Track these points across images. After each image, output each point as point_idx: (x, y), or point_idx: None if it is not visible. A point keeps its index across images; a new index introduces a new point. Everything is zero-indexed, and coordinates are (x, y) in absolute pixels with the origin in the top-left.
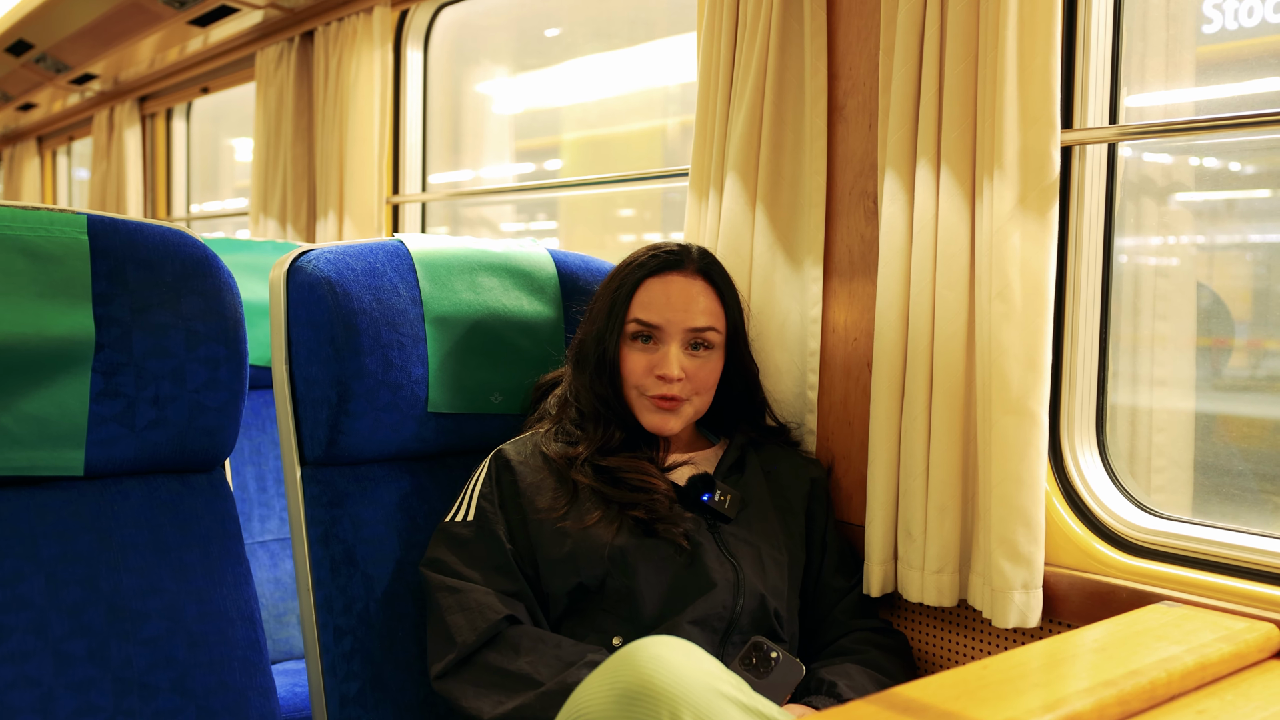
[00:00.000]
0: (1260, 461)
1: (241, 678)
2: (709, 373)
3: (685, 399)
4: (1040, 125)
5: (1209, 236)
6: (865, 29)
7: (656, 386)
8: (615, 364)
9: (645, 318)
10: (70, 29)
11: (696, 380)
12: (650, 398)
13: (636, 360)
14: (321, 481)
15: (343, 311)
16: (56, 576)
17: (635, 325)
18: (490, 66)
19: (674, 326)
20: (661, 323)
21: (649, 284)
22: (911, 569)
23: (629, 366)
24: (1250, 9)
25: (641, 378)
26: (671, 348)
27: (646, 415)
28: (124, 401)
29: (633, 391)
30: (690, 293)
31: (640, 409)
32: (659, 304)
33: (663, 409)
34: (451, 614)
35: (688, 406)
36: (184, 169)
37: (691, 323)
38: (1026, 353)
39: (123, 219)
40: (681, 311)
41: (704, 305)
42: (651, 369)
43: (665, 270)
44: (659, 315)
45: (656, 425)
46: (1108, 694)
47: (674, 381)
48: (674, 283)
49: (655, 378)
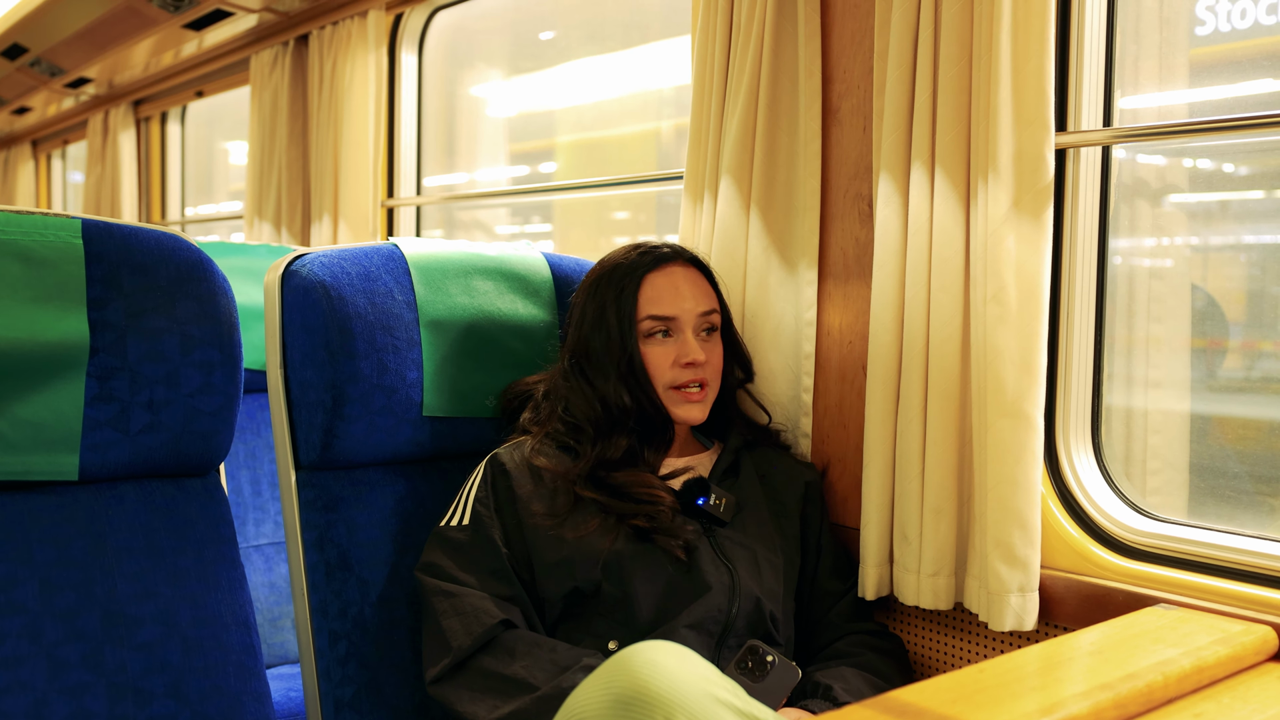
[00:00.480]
0: (1255, 463)
1: (236, 682)
2: (720, 355)
3: (710, 384)
4: (1035, 128)
5: (1203, 238)
6: (860, 31)
7: (685, 375)
8: (641, 365)
9: (659, 311)
10: (65, 33)
11: (714, 364)
12: (680, 390)
13: (660, 355)
14: (316, 486)
15: (337, 315)
16: (51, 581)
17: (650, 322)
18: (485, 70)
19: (687, 315)
20: (676, 313)
21: (652, 279)
22: (907, 572)
23: (655, 364)
24: (1243, 11)
25: (669, 371)
26: (688, 334)
27: (679, 409)
28: (118, 406)
29: (661, 387)
30: (690, 279)
31: (671, 403)
32: (668, 296)
33: (692, 400)
34: (447, 618)
35: (711, 392)
36: (179, 173)
37: (700, 308)
38: (1022, 355)
39: (117, 223)
40: (690, 299)
41: (704, 289)
42: (677, 360)
43: (663, 264)
44: (672, 306)
45: (689, 416)
46: (1104, 697)
47: (701, 365)
48: (675, 273)
49: (682, 367)
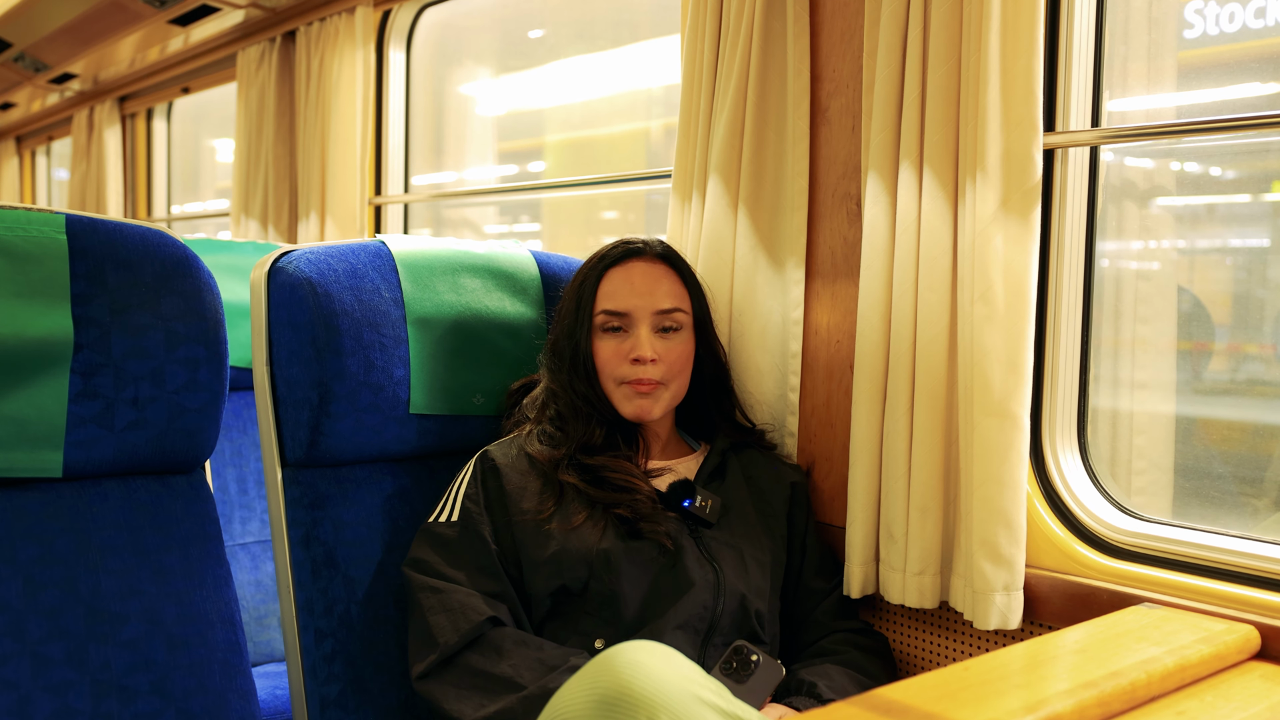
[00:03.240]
0: (1239, 464)
1: (221, 680)
2: (680, 354)
3: (662, 382)
4: (1023, 128)
5: (1190, 241)
6: (849, 31)
7: (632, 371)
8: (589, 358)
9: (612, 306)
10: (49, 28)
11: (669, 361)
12: (628, 384)
13: (610, 350)
14: (302, 483)
15: (324, 312)
16: (34, 579)
17: (603, 316)
18: (473, 67)
19: (641, 311)
20: (628, 309)
21: (612, 274)
22: (893, 571)
23: (602, 358)
24: (1231, 14)
25: (616, 366)
26: (641, 330)
27: (626, 404)
28: (103, 402)
29: (609, 382)
30: (653, 276)
31: (619, 399)
32: (623, 291)
33: (641, 393)
34: (434, 614)
35: (665, 391)
36: (164, 169)
37: (658, 305)
38: (1008, 355)
39: (102, 219)
40: (647, 295)
41: (668, 288)
42: (625, 355)
43: (626, 259)
44: (625, 302)
45: (636, 412)
46: (1088, 695)
47: (648, 363)
48: (636, 269)
49: (630, 363)
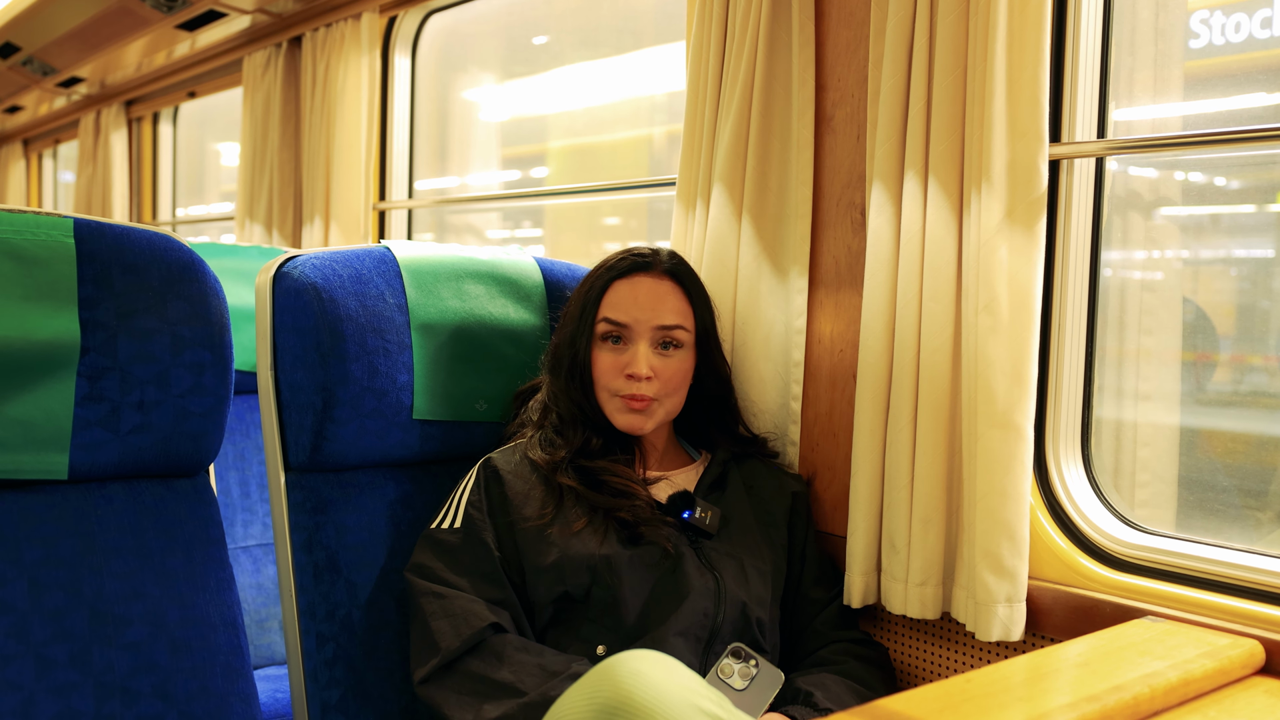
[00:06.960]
0: (1243, 477)
1: (223, 683)
2: (678, 372)
3: (656, 399)
4: (1028, 138)
5: (1194, 251)
6: (854, 40)
7: (627, 386)
8: (587, 366)
9: (613, 316)
10: (57, 32)
11: (665, 378)
12: (622, 398)
13: (607, 361)
14: (305, 487)
15: (328, 317)
16: (39, 580)
17: (605, 325)
18: (478, 74)
19: (642, 325)
20: (629, 321)
21: (617, 285)
22: (895, 581)
23: (599, 368)
24: (1237, 24)
25: (612, 378)
26: (640, 346)
27: (618, 416)
28: (108, 406)
29: (604, 393)
30: (658, 292)
31: (612, 410)
32: (627, 303)
33: (634, 409)
34: (436, 619)
35: (659, 407)
36: (170, 173)
37: (659, 321)
38: (1012, 366)
39: (109, 223)
40: (649, 310)
41: (672, 304)
42: (621, 369)
43: (634, 272)
44: (626, 314)
45: (629, 425)
46: (1091, 709)
47: (643, 380)
48: (641, 283)
49: (625, 377)
